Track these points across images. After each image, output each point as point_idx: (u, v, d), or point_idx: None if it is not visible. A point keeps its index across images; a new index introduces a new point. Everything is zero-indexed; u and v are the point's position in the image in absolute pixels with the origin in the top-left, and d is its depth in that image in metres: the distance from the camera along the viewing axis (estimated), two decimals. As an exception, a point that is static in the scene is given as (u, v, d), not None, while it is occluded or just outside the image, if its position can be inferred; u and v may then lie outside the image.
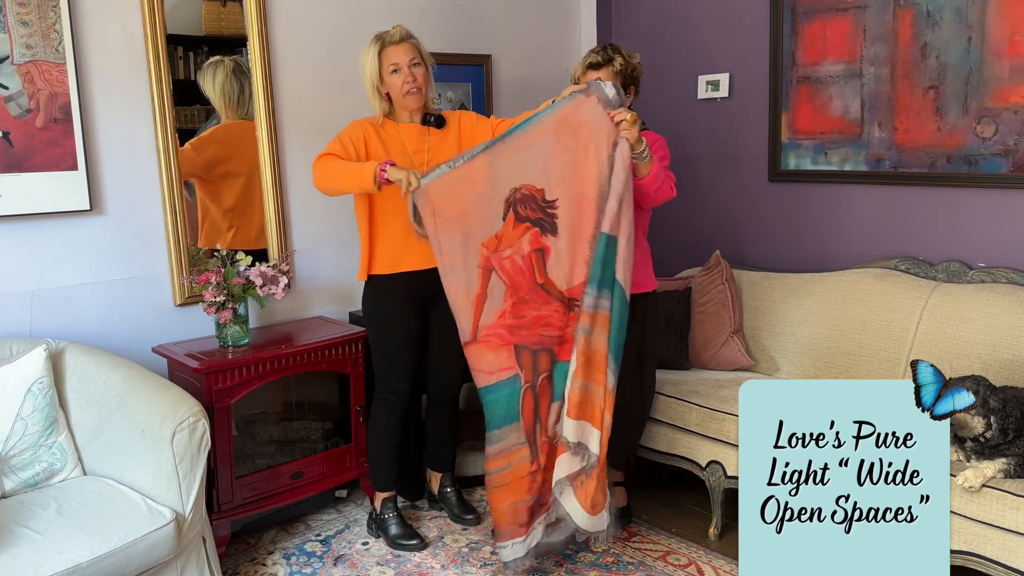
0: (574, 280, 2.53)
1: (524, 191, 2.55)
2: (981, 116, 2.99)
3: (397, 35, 2.74)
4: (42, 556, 2.10)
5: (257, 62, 3.15)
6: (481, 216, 2.56)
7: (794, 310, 3.33)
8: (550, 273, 2.55)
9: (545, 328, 2.55)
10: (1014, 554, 2.26)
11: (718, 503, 3.00)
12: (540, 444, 2.57)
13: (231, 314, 2.88)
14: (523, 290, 2.55)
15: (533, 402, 2.57)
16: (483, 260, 2.57)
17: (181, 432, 2.37)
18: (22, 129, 2.66)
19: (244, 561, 2.89)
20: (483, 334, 2.56)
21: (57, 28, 2.70)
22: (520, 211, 2.56)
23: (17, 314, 2.75)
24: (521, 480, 2.56)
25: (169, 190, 2.99)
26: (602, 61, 2.81)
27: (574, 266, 2.53)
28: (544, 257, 2.55)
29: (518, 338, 2.55)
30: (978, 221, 3.06)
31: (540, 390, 2.57)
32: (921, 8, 3.09)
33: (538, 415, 2.57)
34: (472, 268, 2.56)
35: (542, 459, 2.57)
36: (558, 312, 2.55)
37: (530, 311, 2.55)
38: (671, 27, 3.97)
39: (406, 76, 2.72)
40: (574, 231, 2.52)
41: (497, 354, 2.55)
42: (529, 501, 2.58)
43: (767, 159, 3.65)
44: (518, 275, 2.56)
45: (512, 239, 2.56)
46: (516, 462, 2.56)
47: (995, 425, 2.33)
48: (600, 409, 2.51)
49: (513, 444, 2.56)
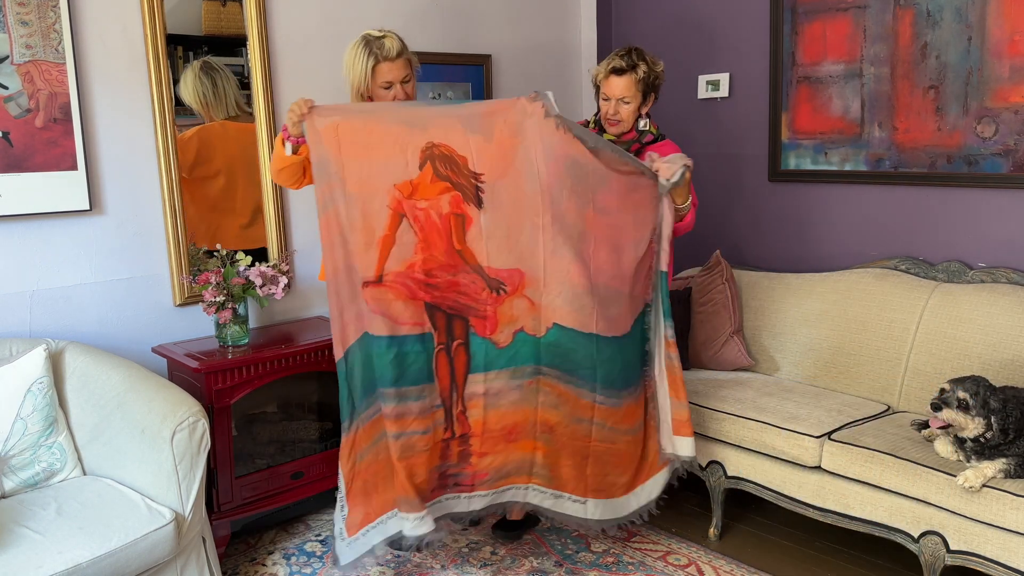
0: (501, 262, 2.44)
1: (444, 149, 2.42)
2: (981, 116, 2.99)
3: (393, 51, 2.63)
4: (42, 556, 2.10)
5: (257, 62, 3.15)
6: (390, 154, 2.39)
7: (794, 310, 3.33)
8: (471, 244, 2.43)
9: (460, 296, 2.43)
10: (1014, 554, 2.26)
11: (718, 503, 3.00)
12: (456, 413, 2.45)
13: (231, 314, 2.88)
14: (437, 250, 2.41)
15: (448, 365, 2.44)
16: (394, 202, 2.38)
17: (181, 432, 2.37)
18: (22, 129, 2.66)
19: (244, 561, 2.89)
20: (388, 278, 2.37)
21: (57, 28, 2.70)
22: (440, 168, 2.42)
23: (17, 314, 2.75)
24: (436, 445, 2.43)
25: (169, 190, 2.98)
26: (626, 67, 2.78)
27: (510, 250, 2.45)
28: (464, 225, 2.42)
29: (431, 297, 2.40)
30: (978, 221, 3.06)
31: (455, 354, 2.44)
32: (921, 8, 3.09)
33: (454, 381, 2.45)
34: (381, 206, 2.37)
35: (457, 428, 2.45)
36: (476, 284, 2.43)
37: (445, 275, 2.42)
38: (671, 27, 3.97)
39: (397, 92, 2.67)
40: (511, 215, 2.44)
41: (406, 304, 2.38)
42: (443, 467, 2.46)
43: (767, 159, 3.65)
44: (433, 232, 2.41)
45: (429, 193, 2.40)
46: (436, 425, 2.43)
47: (995, 425, 2.33)
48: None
49: (429, 406, 2.41)
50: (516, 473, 2.57)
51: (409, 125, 2.44)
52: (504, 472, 2.56)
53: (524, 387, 2.50)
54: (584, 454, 2.58)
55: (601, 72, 2.84)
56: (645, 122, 2.90)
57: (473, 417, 2.48)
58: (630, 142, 2.89)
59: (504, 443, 2.52)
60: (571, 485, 2.60)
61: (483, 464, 2.52)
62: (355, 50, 2.66)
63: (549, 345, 2.50)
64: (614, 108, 2.84)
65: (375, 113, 2.54)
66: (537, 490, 2.60)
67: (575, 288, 2.48)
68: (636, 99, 2.83)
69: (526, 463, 2.56)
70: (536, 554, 2.91)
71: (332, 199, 2.36)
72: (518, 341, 2.49)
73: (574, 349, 2.51)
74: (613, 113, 2.85)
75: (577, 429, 2.55)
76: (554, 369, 2.51)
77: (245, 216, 3.24)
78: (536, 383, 2.51)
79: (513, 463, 2.55)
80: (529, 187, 2.46)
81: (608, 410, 2.57)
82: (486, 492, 2.55)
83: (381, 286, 2.37)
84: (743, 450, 2.89)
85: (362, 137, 2.41)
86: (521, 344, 2.49)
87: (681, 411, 2.66)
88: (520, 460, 2.56)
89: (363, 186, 2.37)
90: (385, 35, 2.66)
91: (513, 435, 2.52)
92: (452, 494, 2.50)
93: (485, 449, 2.51)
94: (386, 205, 2.37)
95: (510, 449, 2.53)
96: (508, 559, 2.89)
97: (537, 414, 2.53)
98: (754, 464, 2.87)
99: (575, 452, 2.58)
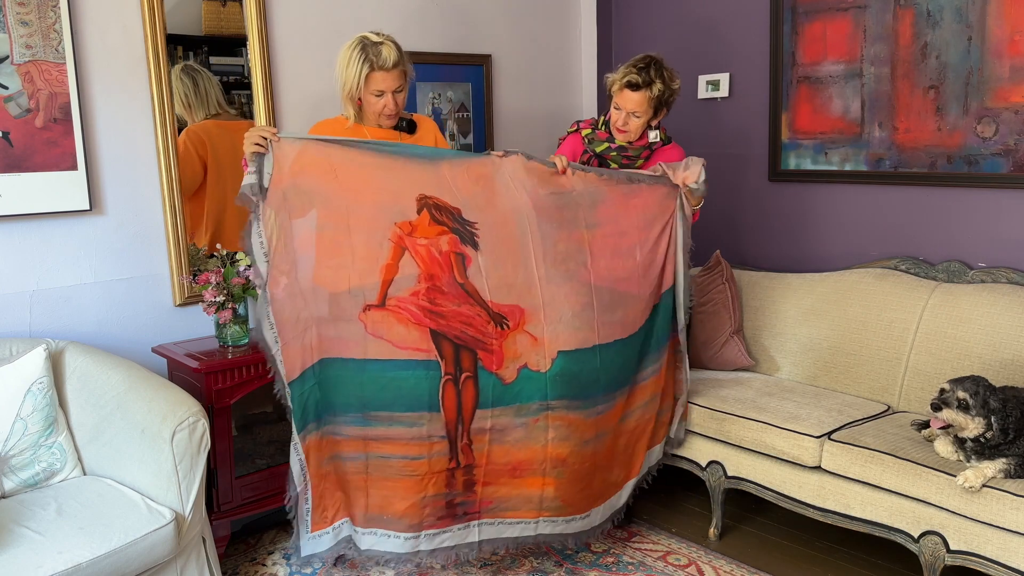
0: (501, 297, 2.50)
1: (436, 200, 2.51)
2: (981, 116, 2.99)
3: (390, 61, 2.58)
4: (42, 556, 2.10)
5: (257, 62, 3.15)
6: (387, 200, 2.46)
7: (794, 310, 3.33)
8: (472, 279, 2.49)
9: (467, 327, 2.46)
10: (1014, 554, 2.26)
11: (718, 503, 3.00)
12: (461, 445, 2.47)
13: (231, 314, 2.88)
14: (440, 281, 2.45)
15: (456, 397, 2.44)
16: (395, 236, 2.43)
17: (181, 432, 2.37)
18: (22, 129, 2.66)
19: (244, 561, 2.89)
20: (392, 303, 2.40)
21: (57, 28, 2.70)
22: (436, 215, 2.49)
23: (17, 314, 2.75)
24: (439, 475, 2.46)
25: (169, 190, 2.99)
26: (642, 84, 2.75)
27: (509, 288, 2.52)
28: (464, 263, 2.49)
29: (437, 324, 2.42)
30: (978, 221, 3.06)
31: (464, 387, 2.45)
32: (921, 8, 3.08)
33: (461, 414, 2.46)
34: (383, 239, 2.42)
35: (461, 459, 2.47)
36: (480, 317, 2.47)
37: (449, 304, 2.45)
38: (671, 27, 3.97)
39: (388, 101, 2.63)
40: (506, 257, 2.53)
41: (408, 330, 2.40)
42: (450, 496, 2.50)
43: (767, 159, 3.65)
44: (434, 264, 2.45)
45: (428, 233, 2.46)
46: (435, 455, 2.44)
47: (996, 425, 2.33)
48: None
49: (429, 435, 2.42)
50: (523, 507, 2.59)
51: (394, 171, 2.51)
52: (510, 504, 2.58)
53: (529, 424, 2.52)
54: (592, 470, 2.66)
55: (616, 83, 2.81)
56: (655, 133, 2.91)
57: (477, 450, 2.50)
58: (640, 149, 2.91)
59: (508, 478, 2.54)
60: (581, 506, 2.67)
61: (487, 492, 2.55)
62: (350, 52, 2.61)
63: (555, 377, 2.53)
64: (624, 120, 2.84)
65: (361, 161, 2.51)
66: (548, 522, 2.63)
67: (573, 308, 2.56)
68: (647, 114, 2.83)
69: (534, 499, 2.58)
70: (536, 554, 2.91)
71: (328, 224, 2.42)
72: (523, 378, 2.51)
73: (580, 371, 2.56)
74: (623, 124, 2.85)
75: (585, 451, 2.61)
76: (562, 400, 2.54)
77: (244, 213, 3.23)
78: (544, 419, 2.53)
79: (519, 498, 2.58)
80: (519, 230, 2.56)
81: (608, 415, 2.68)
82: (493, 520, 2.57)
83: (384, 310, 2.40)
84: (743, 450, 2.89)
85: (359, 183, 2.46)
86: (526, 381, 2.51)
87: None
88: (527, 497, 2.58)
89: (365, 221, 2.43)
90: (383, 41, 2.60)
91: (518, 472, 2.54)
92: (461, 524, 2.53)
93: (488, 480, 2.53)
94: (388, 239, 2.42)
95: (515, 484, 2.55)
96: (508, 559, 2.89)
97: (547, 451, 2.54)
98: (754, 464, 2.87)
99: (586, 474, 2.64)
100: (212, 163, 3.13)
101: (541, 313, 2.53)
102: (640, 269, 2.75)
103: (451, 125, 3.82)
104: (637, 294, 2.75)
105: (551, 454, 2.54)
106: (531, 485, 2.56)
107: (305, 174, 2.43)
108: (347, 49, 2.62)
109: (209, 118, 3.11)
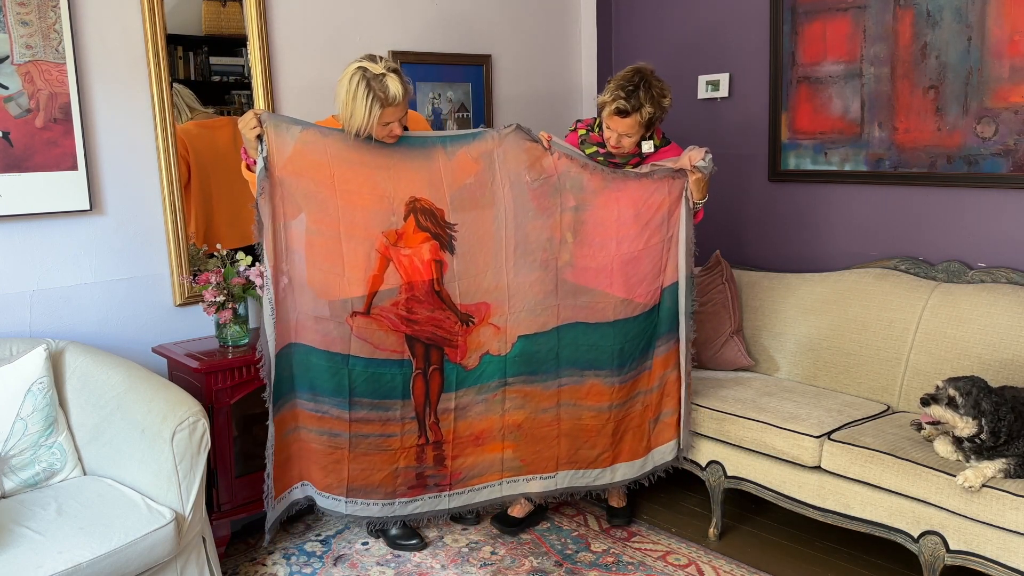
0: (470, 298, 2.76)
1: (424, 203, 2.69)
2: (981, 116, 2.99)
3: (399, 97, 2.51)
4: (42, 556, 2.10)
5: (257, 62, 3.15)
6: (377, 205, 2.63)
7: (794, 310, 3.33)
8: (447, 285, 2.74)
9: (437, 329, 2.75)
10: (1014, 554, 2.26)
11: (718, 503, 3.00)
12: (429, 423, 2.79)
13: (231, 314, 2.88)
14: (419, 291, 2.70)
15: (424, 386, 2.77)
16: (382, 247, 2.65)
17: (181, 432, 2.37)
18: (22, 129, 2.66)
19: (244, 561, 2.89)
20: (375, 312, 2.66)
21: (57, 28, 2.70)
22: (421, 220, 2.69)
23: (17, 314, 2.75)
24: (410, 450, 2.78)
25: (169, 190, 2.99)
26: (630, 110, 2.72)
27: (477, 287, 2.76)
28: (442, 269, 2.73)
29: (411, 330, 2.72)
30: (978, 221, 3.06)
31: (431, 377, 2.78)
32: (921, 8, 3.09)
33: (428, 398, 2.78)
34: (371, 249, 2.64)
35: (430, 435, 2.80)
36: (450, 319, 2.76)
37: (424, 311, 2.72)
38: (671, 27, 3.97)
39: (393, 128, 2.59)
40: (478, 257, 2.76)
41: (387, 335, 2.69)
42: (419, 468, 2.81)
43: (767, 159, 3.65)
44: (415, 274, 2.69)
45: (412, 242, 2.68)
46: (406, 433, 2.77)
47: (986, 428, 2.33)
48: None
49: (401, 416, 2.75)
50: (488, 472, 2.89)
51: (389, 171, 2.65)
52: (476, 471, 2.88)
53: (488, 400, 2.84)
54: (555, 435, 2.91)
55: (606, 108, 2.77)
56: (649, 143, 2.88)
57: (444, 427, 2.82)
58: (629, 156, 2.90)
59: (473, 447, 2.86)
60: (540, 466, 2.92)
61: (456, 464, 2.85)
62: (355, 88, 2.48)
63: (514, 359, 2.83)
64: (616, 140, 2.82)
65: (356, 160, 2.63)
66: (510, 482, 2.91)
67: (536, 296, 2.82)
68: (639, 134, 2.81)
69: (496, 462, 2.89)
70: (536, 554, 2.92)
71: (318, 230, 2.59)
72: (484, 363, 2.82)
73: (537, 351, 2.85)
74: (615, 143, 2.83)
75: (543, 418, 2.89)
76: (519, 376, 2.85)
77: (229, 211, 3.23)
78: (502, 393, 2.85)
79: (484, 463, 2.88)
80: (495, 225, 2.77)
81: (572, 388, 2.89)
82: (463, 490, 2.88)
83: (368, 317, 2.67)
84: (743, 450, 2.89)
85: (353, 186, 2.61)
86: (487, 364, 2.82)
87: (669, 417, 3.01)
88: (490, 461, 2.89)
89: (356, 229, 2.62)
90: (385, 73, 2.49)
91: (481, 440, 2.86)
92: (433, 493, 2.84)
93: (456, 452, 2.84)
94: (375, 249, 2.64)
95: (479, 451, 2.87)
96: (508, 559, 2.89)
97: (504, 419, 2.86)
98: (754, 464, 2.87)
99: (544, 437, 2.91)
100: (195, 162, 3.14)
101: (506, 305, 2.80)
102: (616, 260, 2.83)
103: (451, 125, 3.82)
104: (608, 285, 2.85)
105: (508, 421, 2.87)
106: (492, 450, 2.88)
107: (303, 176, 2.57)
108: (349, 85, 2.50)
109: (189, 120, 3.12)
